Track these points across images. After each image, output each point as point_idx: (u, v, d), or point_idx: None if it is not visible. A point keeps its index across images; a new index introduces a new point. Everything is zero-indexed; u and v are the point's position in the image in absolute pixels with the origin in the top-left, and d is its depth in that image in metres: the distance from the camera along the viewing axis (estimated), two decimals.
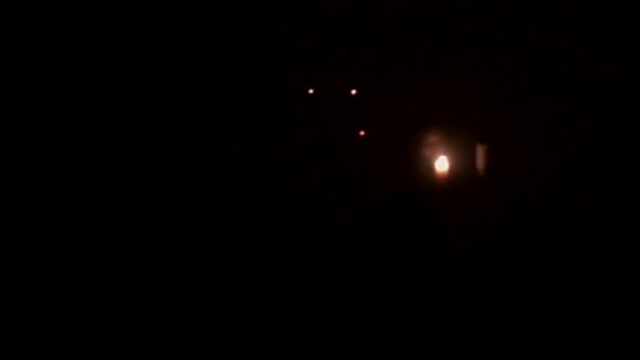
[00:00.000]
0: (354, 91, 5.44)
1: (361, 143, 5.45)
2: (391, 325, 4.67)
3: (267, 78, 5.36)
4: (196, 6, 5.28)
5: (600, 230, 4.74)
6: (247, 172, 5.21)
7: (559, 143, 5.01)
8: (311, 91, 5.45)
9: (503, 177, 5.11)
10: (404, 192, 5.19)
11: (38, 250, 4.78)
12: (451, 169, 5.23)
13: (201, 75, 5.27)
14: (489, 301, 4.68)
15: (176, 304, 4.69)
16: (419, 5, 5.26)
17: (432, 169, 5.28)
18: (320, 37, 5.40)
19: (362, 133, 5.46)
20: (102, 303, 4.64)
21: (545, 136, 5.05)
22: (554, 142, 5.02)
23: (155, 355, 4.49)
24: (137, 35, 5.19)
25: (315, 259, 4.92)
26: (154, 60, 5.22)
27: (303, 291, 4.78)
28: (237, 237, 4.97)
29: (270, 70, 5.36)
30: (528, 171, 5.06)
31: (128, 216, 4.96)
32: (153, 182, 5.08)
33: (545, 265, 4.73)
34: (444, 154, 5.26)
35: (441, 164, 5.21)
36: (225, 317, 4.66)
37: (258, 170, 5.23)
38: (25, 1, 5.04)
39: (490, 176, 5.16)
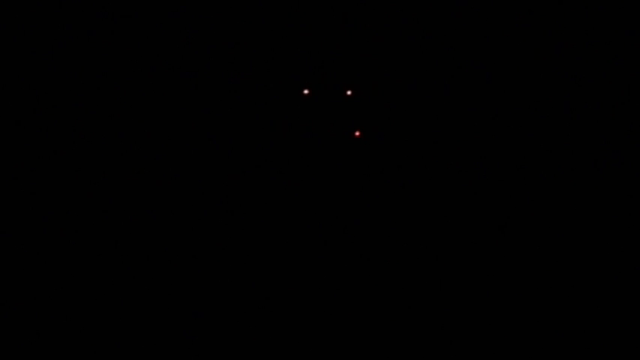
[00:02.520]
0: (349, 92, 5.45)
1: (357, 143, 5.46)
2: (390, 325, 4.69)
3: (262, 78, 5.36)
4: (191, 6, 5.28)
5: (600, 230, 4.77)
6: (241, 172, 5.21)
7: (558, 144, 5.03)
8: (306, 91, 5.45)
9: (502, 177, 5.13)
10: (399, 192, 5.21)
11: (38, 249, 4.78)
12: (448, 170, 5.25)
13: (194, 75, 5.27)
14: (488, 301, 4.70)
15: (175, 303, 4.70)
16: (416, 5, 5.28)
17: (428, 169, 5.30)
18: (316, 37, 5.41)
19: (357, 133, 5.47)
20: (102, 303, 4.65)
21: (544, 136, 5.07)
22: (553, 142, 5.04)
23: (155, 355, 4.50)
24: (128, 35, 5.19)
25: (311, 259, 4.93)
26: (149, 59, 5.22)
27: (300, 291, 4.79)
28: (232, 237, 4.98)
29: (265, 71, 5.36)
30: (527, 171, 5.08)
31: (126, 216, 4.97)
32: (147, 182, 5.08)
33: (545, 266, 4.75)
34: (441, 154, 5.28)
35: (438, 164, 5.22)
36: (224, 317, 4.66)
37: (252, 171, 5.23)
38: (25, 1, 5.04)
39: (487, 177, 5.18)
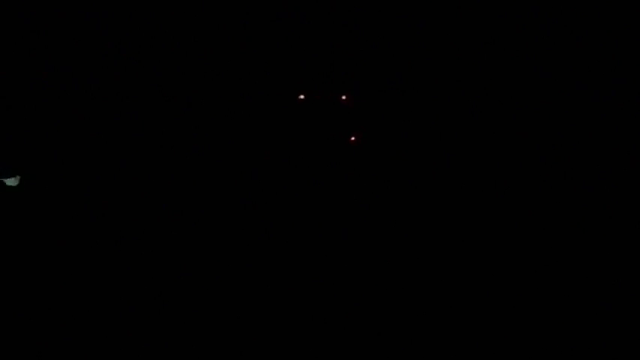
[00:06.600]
0: (344, 97, 5.44)
1: (352, 148, 5.46)
2: (389, 326, 4.68)
3: (258, 84, 5.35)
4: (188, 10, 5.26)
5: (600, 230, 4.77)
6: (238, 177, 5.19)
7: (557, 144, 5.03)
8: (302, 96, 5.44)
9: (499, 179, 5.12)
10: (395, 196, 5.21)
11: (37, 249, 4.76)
12: (443, 173, 5.25)
13: (191, 80, 5.26)
14: (489, 301, 4.70)
15: (175, 304, 4.68)
16: (410, 9, 5.28)
17: (424, 173, 5.29)
18: (311, 42, 5.40)
19: (352, 138, 5.46)
20: (102, 303, 4.63)
21: (542, 136, 5.08)
22: (552, 142, 5.05)
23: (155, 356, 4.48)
24: (126, 36, 5.17)
25: (308, 264, 4.92)
26: (147, 61, 5.20)
27: (298, 295, 4.77)
28: (228, 244, 4.97)
29: (261, 76, 5.35)
30: (524, 172, 5.08)
31: (126, 216, 4.96)
32: (142, 185, 5.06)
33: (545, 265, 4.76)
34: (436, 158, 5.27)
35: (433, 168, 5.21)
36: (223, 317, 4.65)
37: (248, 176, 5.21)
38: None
39: (484, 180, 5.18)
